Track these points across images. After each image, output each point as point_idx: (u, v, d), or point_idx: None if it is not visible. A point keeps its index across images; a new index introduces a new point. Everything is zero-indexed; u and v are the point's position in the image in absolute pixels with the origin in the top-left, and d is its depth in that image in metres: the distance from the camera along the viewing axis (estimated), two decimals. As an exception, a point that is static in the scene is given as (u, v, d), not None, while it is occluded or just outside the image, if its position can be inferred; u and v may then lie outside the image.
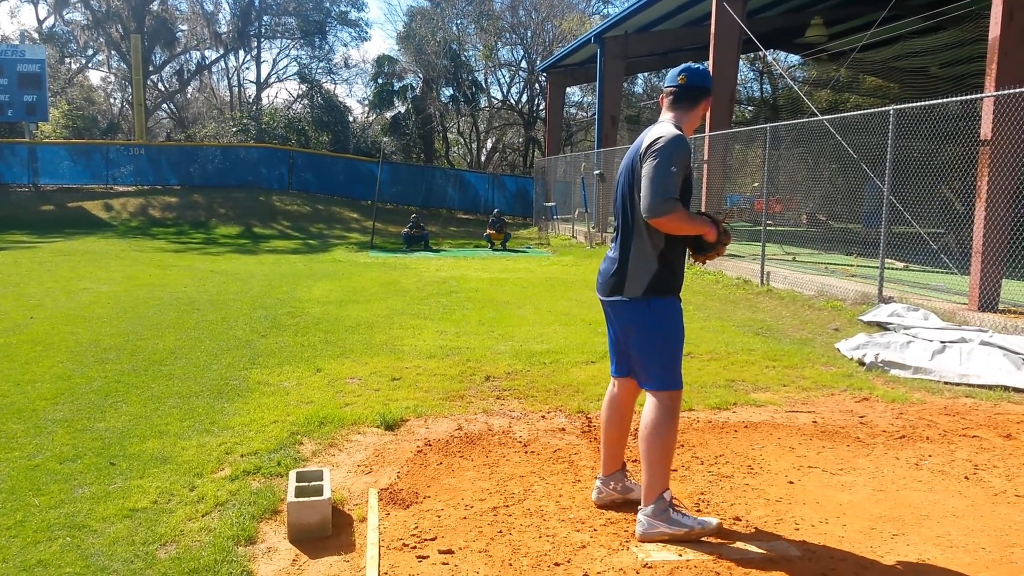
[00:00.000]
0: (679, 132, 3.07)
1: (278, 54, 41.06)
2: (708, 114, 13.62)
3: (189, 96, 41.18)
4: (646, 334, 3.16)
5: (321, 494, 3.21)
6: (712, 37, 13.49)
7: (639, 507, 3.18)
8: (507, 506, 3.43)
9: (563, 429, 4.54)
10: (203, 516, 3.30)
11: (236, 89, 40.10)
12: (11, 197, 23.79)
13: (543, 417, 4.79)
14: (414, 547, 3.04)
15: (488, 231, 18.82)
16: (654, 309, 3.12)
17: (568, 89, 28.98)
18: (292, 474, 3.40)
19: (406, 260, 15.16)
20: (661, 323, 3.14)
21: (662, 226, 3.03)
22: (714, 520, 3.15)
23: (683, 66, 3.27)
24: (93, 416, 4.64)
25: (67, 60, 37.25)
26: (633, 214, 3.12)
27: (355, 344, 6.82)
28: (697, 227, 3.10)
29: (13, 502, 3.41)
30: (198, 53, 37.83)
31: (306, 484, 3.29)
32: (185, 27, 36.04)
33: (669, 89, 3.24)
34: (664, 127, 3.11)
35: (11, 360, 6.02)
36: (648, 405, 3.15)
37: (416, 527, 3.21)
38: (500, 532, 3.18)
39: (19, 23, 49.46)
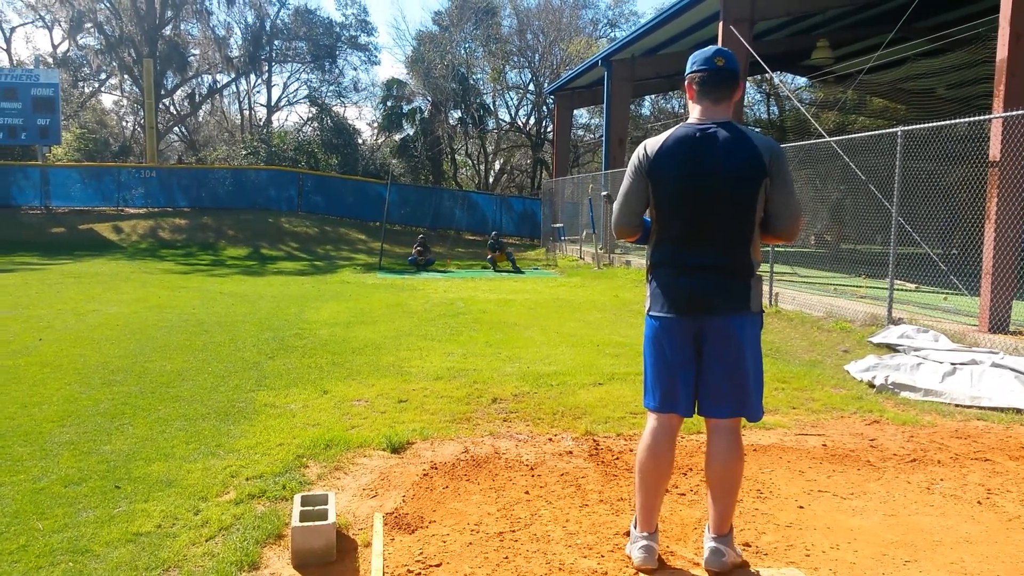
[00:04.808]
0: None
1: (288, 78, 41.44)
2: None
3: (200, 119, 41.59)
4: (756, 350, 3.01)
5: (326, 518, 3.18)
6: (719, 59, 13.53)
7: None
8: (513, 531, 3.40)
9: (570, 452, 4.51)
10: (207, 541, 3.28)
11: (247, 112, 40.50)
12: (23, 219, 24.00)
13: (550, 440, 4.75)
14: (419, 573, 3.00)
15: (489, 254, 18.95)
16: (757, 323, 3.01)
17: (576, 111, 29.11)
18: (297, 498, 3.38)
19: (413, 281, 15.18)
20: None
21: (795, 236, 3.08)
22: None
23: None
24: (99, 439, 4.63)
25: (80, 84, 37.72)
26: (752, 223, 2.95)
27: (362, 366, 6.81)
28: None
29: (17, 526, 3.39)
30: (209, 77, 38.31)
31: (311, 508, 3.26)
32: (197, 52, 36.48)
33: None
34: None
35: (19, 382, 6.03)
36: (735, 433, 3.01)
37: (421, 553, 3.18)
38: (506, 558, 3.14)
39: (34, 48, 50.19)
